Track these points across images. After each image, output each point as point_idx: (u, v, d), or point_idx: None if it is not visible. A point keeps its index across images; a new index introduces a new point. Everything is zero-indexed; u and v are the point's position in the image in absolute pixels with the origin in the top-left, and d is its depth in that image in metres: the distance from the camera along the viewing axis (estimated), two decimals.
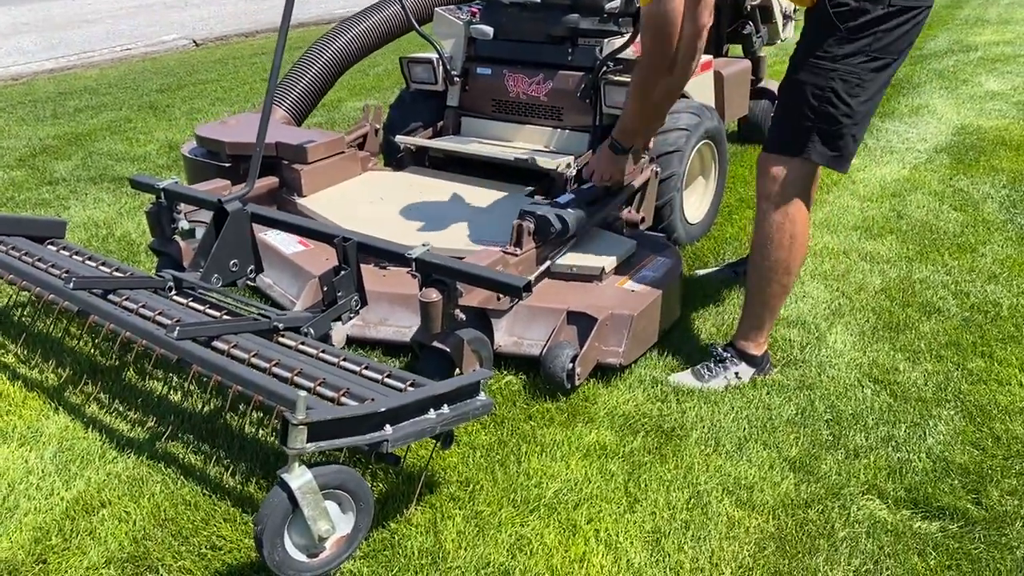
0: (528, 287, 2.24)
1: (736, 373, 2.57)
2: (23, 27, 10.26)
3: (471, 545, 1.95)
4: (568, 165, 3.25)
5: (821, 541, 1.97)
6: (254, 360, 2.10)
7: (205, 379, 2.12)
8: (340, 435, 1.69)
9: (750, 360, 2.59)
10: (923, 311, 3.00)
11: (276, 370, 2.06)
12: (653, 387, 2.57)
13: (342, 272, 2.40)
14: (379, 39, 4.13)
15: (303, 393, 1.64)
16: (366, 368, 2.09)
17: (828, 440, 2.33)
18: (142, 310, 2.31)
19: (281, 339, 2.27)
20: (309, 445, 1.62)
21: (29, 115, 6.07)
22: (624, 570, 1.89)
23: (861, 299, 3.09)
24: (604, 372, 2.61)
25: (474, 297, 2.45)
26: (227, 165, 3.34)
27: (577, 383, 2.49)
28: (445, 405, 1.87)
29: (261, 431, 2.35)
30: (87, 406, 2.49)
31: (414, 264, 2.32)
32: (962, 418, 2.41)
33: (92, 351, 2.76)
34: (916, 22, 2.33)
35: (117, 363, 2.68)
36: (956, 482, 2.16)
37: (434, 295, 2.28)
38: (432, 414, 1.84)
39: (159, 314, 2.29)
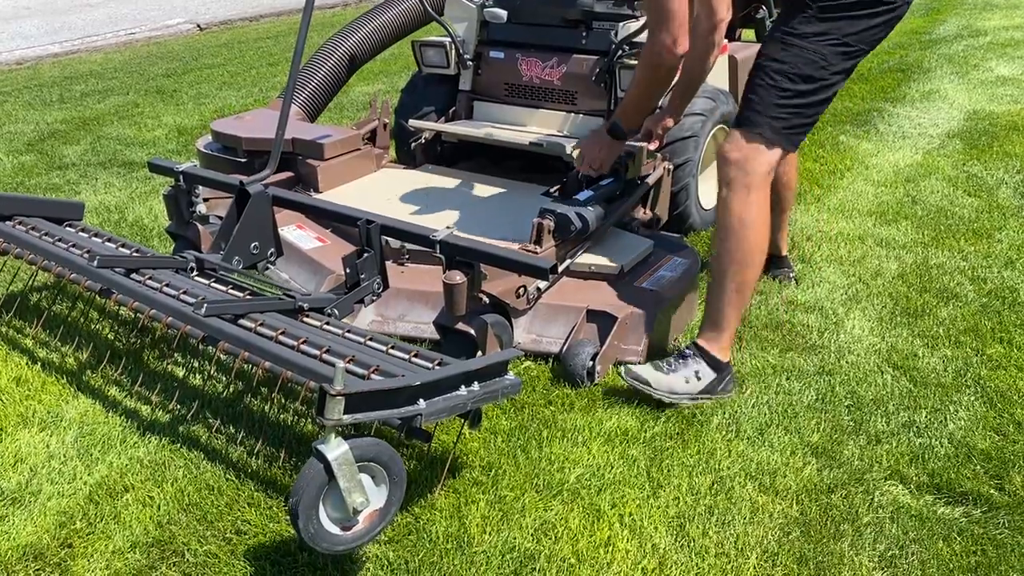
0: (554, 269, 2.23)
1: (696, 372, 2.41)
2: (24, 11, 10.21)
3: (496, 530, 1.95)
4: None
5: (846, 526, 1.97)
6: (282, 338, 2.09)
7: (230, 358, 2.12)
8: (375, 408, 1.68)
9: (712, 362, 2.42)
10: (940, 297, 2.99)
11: (304, 347, 2.05)
12: None
13: (365, 254, 2.40)
14: (392, 35, 4.10)
15: (341, 364, 1.63)
16: (392, 347, 2.09)
17: (849, 425, 2.33)
18: (166, 289, 2.31)
19: (306, 319, 2.26)
20: (346, 417, 1.61)
21: (36, 99, 6.05)
22: (649, 554, 1.89)
23: (878, 284, 3.09)
24: (623, 362, 2.60)
25: (495, 287, 2.44)
26: (243, 161, 3.32)
27: (597, 380, 2.48)
28: (476, 382, 1.87)
29: (283, 414, 2.35)
30: (107, 390, 2.48)
31: (438, 246, 2.32)
32: (982, 404, 2.41)
33: (110, 334, 2.75)
34: (891, 17, 2.31)
35: (136, 345, 2.68)
36: (978, 468, 2.16)
37: (458, 277, 2.28)
38: (463, 391, 1.84)
39: (183, 293, 2.29)
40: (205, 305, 2.12)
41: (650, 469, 2.15)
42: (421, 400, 1.75)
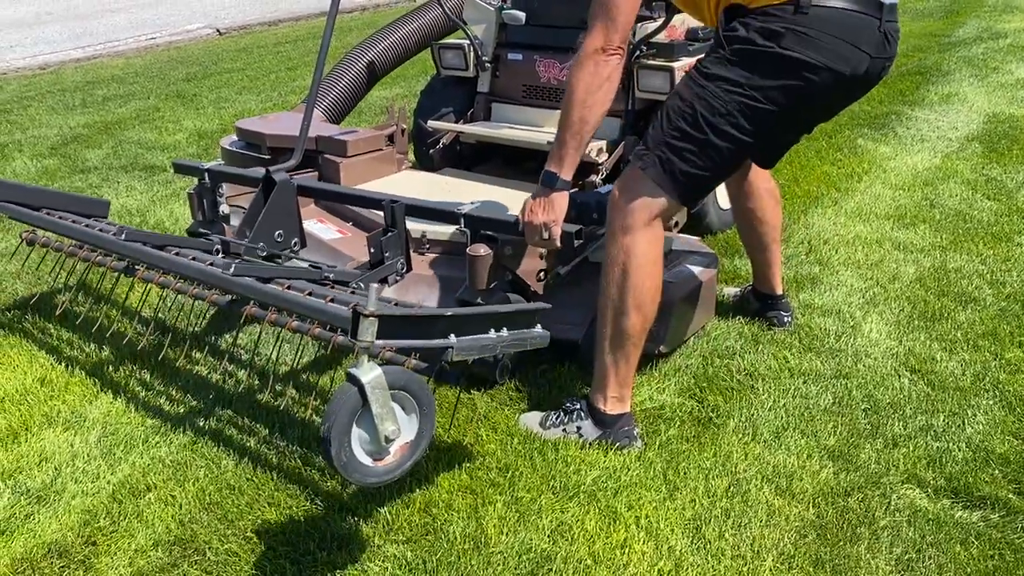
0: (579, 234, 2.22)
1: (578, 428, 2.28)
2: (47, 17, 10.35)
3: (512, 530, 1.96)
4: (600, 150, 3.26)
5: (862, 529, 1.97)
6: (309, 298, 2.09)
7: (258, 320, 2.15)
8: (408, 335, 1.67)
9: (598, 418, 2.27)
10: (959, 301, 2.98)
11: (332, 304, 2.05)
12: (687, 376, 2.57)
13: (389, 233, 2.43)
14: (414, 46, 4.15)
15: (375, 285, 1.64)
16: (419, 309, 2.12)
17: (866, 429, 2.32)
18: (193, 262, 2.34)
19: (332, 289, 2.28)
20: (378, 341, 1.60)
21: (59, 104, 6.13)
22: (665, 556, 1.90)
23: (895, 288, 3.08)
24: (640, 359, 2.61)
25: (517, 265, 2.46)
26: (267, 157, 3.36)
27: None
28: (505, 328, 1.85)
29: (301, 410, 2.37)
30: (129, 390, 2.52)
31: (463, 220, 2.35)
32: (1001, 408, 2.40)
33: (133, 334, 2.79)
34: (808, 83, 2.05)
35: (158, 344, 2.71)
36: (996, 472, 2.15)
37: (483, 250, 2.31)
38: (493, 334, 1.82)
39: (210, 264, 2.31)
40: (234, 265, 2.14)
41: (666, 472, 2.16)
42: (452, 335, 1.73)
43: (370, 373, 1.59)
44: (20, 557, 1.93)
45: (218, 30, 9.33)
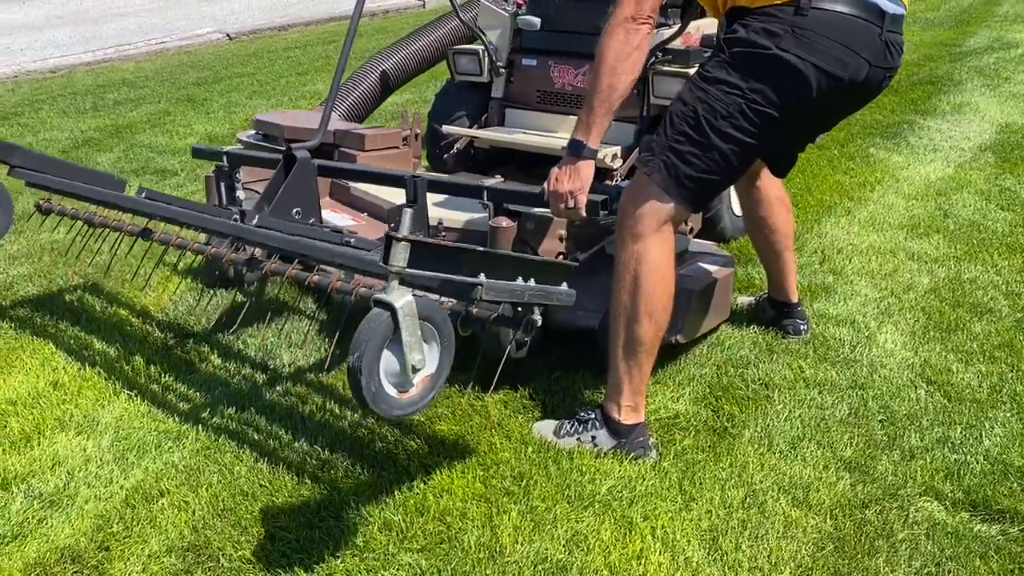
0: (606, 204, 2.21)
1: (593, 437, 2.26)
2: (57, 20, 10.37)
3: (528, 540, 1.95)
4: (615, 156, 3.26)
5: (880, 542, 1.96)
6: (333, 245, 2.09)
7: (277, 277, 2.16)
8: (439, 267, 1.64)
9: (613, 428, 2.25)
10: (974, 311, 2.96)
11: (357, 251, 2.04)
12: (701, 385, 2.55)
13: (410, 208, 2.45)
14: (430, 58, 4.19)
15: (409, 209, 1.63)
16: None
17: (883, 440, 2.31)
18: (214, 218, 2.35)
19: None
20: (409, 269, 1.58)
21: (70, 107, 6.15)
22: (682, 568, 1.88)
23: (910, 299, 3.06)
24: (653, 367, 2.59)
25: (537, 244, 2.47)
26: (284, 149, 3.38)
27: None
28: (532, 279, 1.82)
29: (314, 414, 2.37)
30: (142, 394, 2.51)
31: (486, 193, 2.37)
32: (1018, 420, 2.38)
33: (146, 337, 2.79)
34: (806, 86, 2.05)
35: (168, 345, 2.70)
36: (1015, 485, 2.13)
37: (504, 222, 2.31)
38: (521, 281, 1.79)
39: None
40: (257, 216, 2.14)
41: (682, 482, 2.14)
42: (482, 274, 1.70)
43: (402, 298, 1.57)
44: (33, 562, 1.92)
45: (228, 35, 9.35)
